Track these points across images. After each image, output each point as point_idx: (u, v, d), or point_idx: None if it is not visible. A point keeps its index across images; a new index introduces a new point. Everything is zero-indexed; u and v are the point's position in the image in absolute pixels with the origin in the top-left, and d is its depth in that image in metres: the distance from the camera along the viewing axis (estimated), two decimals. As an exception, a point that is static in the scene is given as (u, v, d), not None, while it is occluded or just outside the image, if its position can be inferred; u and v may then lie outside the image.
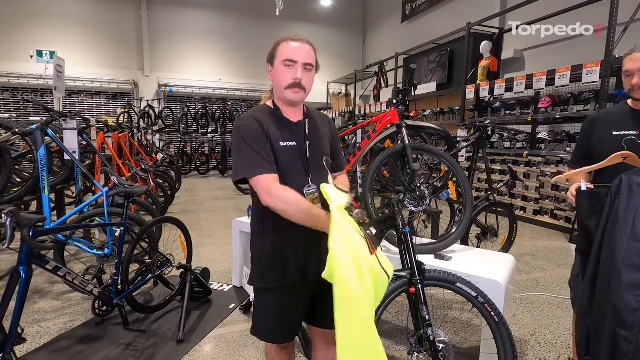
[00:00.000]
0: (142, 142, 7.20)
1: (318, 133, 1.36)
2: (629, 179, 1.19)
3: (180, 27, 10.96)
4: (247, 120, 1.26)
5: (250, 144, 1.21)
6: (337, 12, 12.31)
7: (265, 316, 1.36)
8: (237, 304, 2.78)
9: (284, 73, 1.25)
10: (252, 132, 1.23)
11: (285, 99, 1.29)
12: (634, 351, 1.12)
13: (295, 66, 1.24)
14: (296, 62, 1.24)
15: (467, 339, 2.32)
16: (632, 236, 1.16)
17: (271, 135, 1.25)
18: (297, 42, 1.26)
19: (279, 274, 1.30)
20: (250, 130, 1.23)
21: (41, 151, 2.76)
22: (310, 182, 1.28)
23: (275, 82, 1.30)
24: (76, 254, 3.34)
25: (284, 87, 1.26)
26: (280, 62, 1.25)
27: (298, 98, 1.27)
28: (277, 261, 1.30)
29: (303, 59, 1.24)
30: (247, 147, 1.21)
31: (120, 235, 2.34)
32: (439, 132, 2.86)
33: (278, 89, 1.29)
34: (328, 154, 1.39)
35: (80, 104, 10.16)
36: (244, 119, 1.28)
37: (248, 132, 1.23)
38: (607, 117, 1.57)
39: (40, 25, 9.54)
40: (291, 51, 1.24)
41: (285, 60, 1.24)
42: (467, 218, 2.12)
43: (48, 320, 2.52)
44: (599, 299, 1.24)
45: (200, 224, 5.20)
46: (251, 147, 1.21)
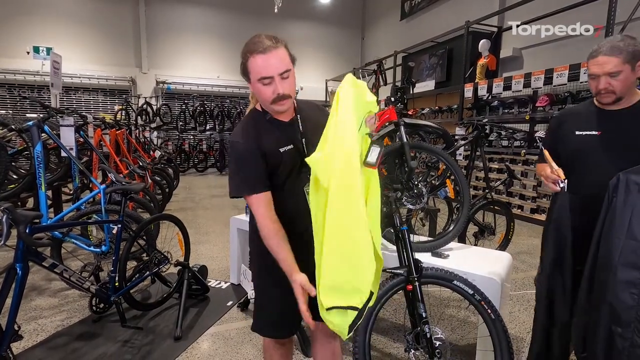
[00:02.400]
0: (139, 139, 7.17)
1: (312, 126, 1.35)
2: (627, 178, 1.20)
3: (178, 24, 10.90)
4: (238, 136, 1.27)
5: (241, 165, 1.25)
6: (335, 9, 12.26)
7: (267, 311, 1.37)
8: (234, 302, 2.78)
9: (263, 90, 1.19)
10: (242, 152, 1.25)
11: (274, 111, 1.27)
12: (629, 348, 1.13)
13: (272, 82, 1.17)
14: (272, 77, 1.16)
15: (464, 337, 2.33)
16: (628, 234, 1.17)
17: (267, 144, 1.25)
18: (264, 52, 1.14)
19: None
20: (240, 149, 1.25)
21: (37, 148, 2.75)
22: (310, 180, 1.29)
23: (259, 97, 1.26)
24: (73, 251, 3.32)
25: (268, 102, 1.22)
26: (256, 80, 1.18)
27: (285, 107, 1.24)
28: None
29: (277, 70, 1.16)
30: (237, 168, 1.26)
31: (118, 233, 2.34)
32: (437, 130, 2.87)
33: (263, 103, 1.27)
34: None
35: (77, 101, 10.10)
36: (236, 135, 1.28)
37: (237, 152, 1.26)
38: (573, 116, 1.56)
39: (36, 21, 9.47)
40: (263, 68, 1.15)
41: (260, 80, 1.17)
42: (464, 216, 2.13)
43: (45, 318, 2.52)
44: (596, 297, 1.24)
45: (197, 222, 5.19)
46: (241, 168, 1.25)
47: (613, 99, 1.38)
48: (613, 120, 1.41)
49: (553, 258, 1.37)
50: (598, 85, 1.38)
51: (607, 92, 1.37)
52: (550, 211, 1.54)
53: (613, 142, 1.38)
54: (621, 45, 1.33)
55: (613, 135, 1.40)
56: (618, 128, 1.40)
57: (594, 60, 1.39)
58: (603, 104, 1.43)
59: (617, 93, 1.36)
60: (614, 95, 1.37)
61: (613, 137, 1.40)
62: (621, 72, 1.33)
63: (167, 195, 5.49)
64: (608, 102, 1.40)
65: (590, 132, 1.44)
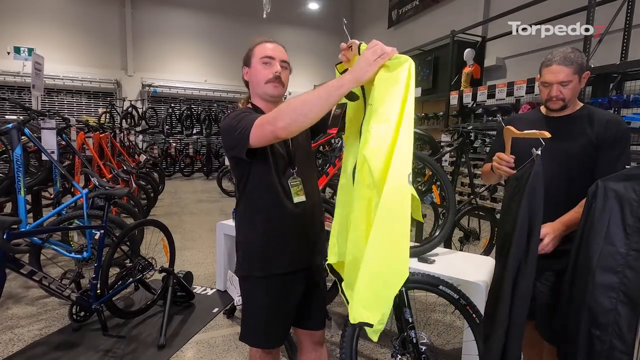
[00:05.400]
0: (124, 142, 7.04)
1: None
2: (605, 185, 1.24)
3: (165, 27, 10.79)
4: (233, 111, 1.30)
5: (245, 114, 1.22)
6: (324, 16, 12.37)
7: (256, 321, 1.35)
8: (220, 308, 2.74)
9: (263, 69, 1.30)
10: (243, 110, 1.29)
11: (266, 94, 1.32)
12: (608, 351, 1.16)
13: (273, 62, 1.29)
14: (274, 58, 1.30)
15: (450, 341, 2.35)
16: (606, 239, 1.20)
17: None
18: (272, 43, 1.33)
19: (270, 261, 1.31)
20: (239, 110, 1.29)
21: (17, 151, 2.67)
22: (294, 174, 1.32)
23: (253, 81, 1.34)
24: (53, 257, 3.23)
25: (264, 82, 1.30)
26: (258, 60, 1.30)
27: (278, 92, 1.32)
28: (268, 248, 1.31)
29: (280, 56, 1.31)
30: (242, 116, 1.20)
31: (100, 238, 2.28)
32: (423, 136, 2.91)
33: (258, 85, 1.32)
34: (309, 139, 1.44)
35: (60, 103, 9.86)
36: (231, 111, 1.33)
37: (238, 111, 1.27)
38: (520, 121, 1.65)
39: (18, 21, 9.23)
40: (269, 50, 1.31)
41: (263, 58, 1.29)
42: (450, 221, 2.16)
43: (22, 327, 2.43)
44: (576, 301, 1.28)
45: (183, 227, 5.12)
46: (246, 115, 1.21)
47: (561, 105, 1.48)
48: (555, 126, 1.50)
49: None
50: (550, 92, 1.47)
51: (558, 99, 1.47)
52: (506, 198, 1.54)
53: (554, 146, 1.46)
54: (572, 56, 1.43)
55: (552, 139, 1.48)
56: (559, 133, 1.48)
57: (548, 69, 1.48)
58: (552, 110, 1.52)
59: (566, 100, 1.46)
60: (563, 102, 1.47)
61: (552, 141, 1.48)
62: (571, 82, 1.44)
63: (152, 200, 5.40)
64: (556, 108, 1.49)
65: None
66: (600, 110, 1.55)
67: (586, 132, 1.45)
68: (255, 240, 1.32)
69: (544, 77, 1.49)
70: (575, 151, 1.44)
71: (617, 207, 1.20)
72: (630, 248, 1.17)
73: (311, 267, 1.40)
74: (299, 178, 1.32)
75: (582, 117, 1.49)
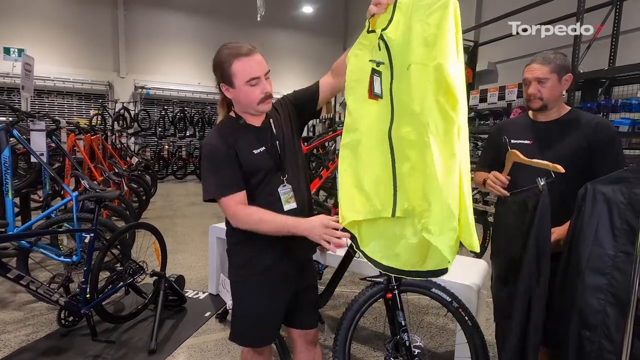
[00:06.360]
0: (116, 145, 6.97)
1: (283, 125, 1.38)
2: (594, 188, 1.26)
3: (158, 29, 10.73)
4: (213, 140, 1.28)
5: (215, 166, 1.24)
6: (318, 19, 12.41)
7: (245, 319, 1.36)
8: (212, 312, 2.72)
9: (252, 91, 1.22)
10: (217, 154, 1.25)
11: (258, 111, 1.30)
12: (597, 351, 1.17)
13: (260, 81, 1.22)
14: (259, 77, 1.22)
15: (442, 344, 2.36)
16: (595, 241, 1.22)
17: (241, 148, 1.26)
18: (249, 55, 1.20)
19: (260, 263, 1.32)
20: (215, 151, 1.25)
21: (5, 153, 2.63)
22: (285, 182, 1.31)
23: (243, 101, 1.27)
24: (41, 261, 3.17)
25: (256, 103, 1.24)
26: (244, 83, 1.21)
27: (269, 107, 1.29)
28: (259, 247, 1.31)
29: (263, 71, 1.23)
30: (212, 170, 1.25)
31: (90, 242, 2.25)
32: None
33: (249, 105, 1.27)
34: (295, 142, 1.40)
35: (50, 105, 9.73)
36: (210, 138, 1.30)
37: (212, 154, 1.25)
38: (511, 126, 1.69)
39: (7, 21, 9.11)
40: (251, 69, 1.20)
41: (250, 81, 1.20)
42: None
43: (8, 332, 2.38)
44: (567, 302, 1.29)
45: (175, 230, 5.07)
46: (216, 170, 1.24)
47: (540, 104, 1.50)
48: (543, 131, 1.54)
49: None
50: (528, 89, 1.52)
51: (535, 98, 1.50)
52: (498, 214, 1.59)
53: (542, 151, 1.49)
54: (552, 57, 1.48)
55: (542, 144, 1.53)
56: (547, 138, 1.52)
57: (527, 67, 1.53)
58: (532, 109, 1.56)
59: (544, 99, 1.49)
60: (541, 101, 1.50)
61: (542, 146, 1.52)
62: (548, 80, 1.47)
63: (144, 203, 5.34)
64: (536, 107, 1.52)
65: (523, 141, 1.56)
66: (587, 113, 1.58)
67: (576, 136, 1.47)
68: (245, 244, 1.32)
69: (523, 75, 1.54)
70: (566, 155, 1.45)
71: (606, 209, 1.22)
72: (618, 250, 1.18)
73: (302, 267, 1.41)
74: (289, 185, 1.31)
75: (570, 121, 1.51)
